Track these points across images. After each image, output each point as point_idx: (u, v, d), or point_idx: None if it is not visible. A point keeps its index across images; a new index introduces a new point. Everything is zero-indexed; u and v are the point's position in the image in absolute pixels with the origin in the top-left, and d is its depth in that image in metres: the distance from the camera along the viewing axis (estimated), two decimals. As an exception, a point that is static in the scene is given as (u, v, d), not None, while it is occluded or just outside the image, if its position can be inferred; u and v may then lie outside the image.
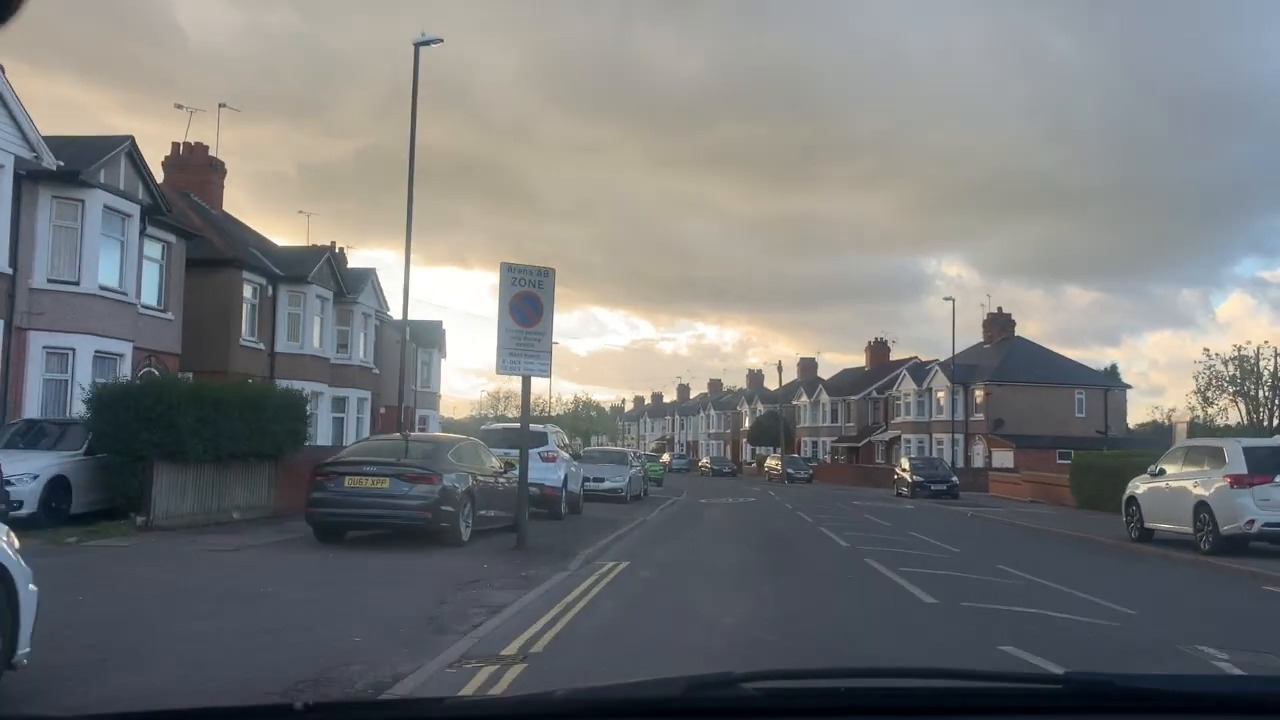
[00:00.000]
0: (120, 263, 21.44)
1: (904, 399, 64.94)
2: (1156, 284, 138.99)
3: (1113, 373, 66.29)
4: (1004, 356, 60.09)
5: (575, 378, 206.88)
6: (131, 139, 21.44)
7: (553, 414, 64.00)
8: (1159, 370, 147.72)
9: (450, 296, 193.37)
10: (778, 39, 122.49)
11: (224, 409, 15.57)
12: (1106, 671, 2.12)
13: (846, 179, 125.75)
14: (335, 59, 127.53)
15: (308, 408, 19.00)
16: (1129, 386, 61.05)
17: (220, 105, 43.04)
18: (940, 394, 60.84)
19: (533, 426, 24.33)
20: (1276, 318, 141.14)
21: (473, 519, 13.82)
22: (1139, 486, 18.69)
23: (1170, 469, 17.58)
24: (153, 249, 23.74)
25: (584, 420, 62.14)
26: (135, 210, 21.70)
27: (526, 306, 13.40)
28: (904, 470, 42.84)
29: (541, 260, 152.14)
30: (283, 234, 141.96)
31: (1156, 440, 40.37)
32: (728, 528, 22.45)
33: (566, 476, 19.82)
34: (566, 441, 22.56)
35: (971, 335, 63.21)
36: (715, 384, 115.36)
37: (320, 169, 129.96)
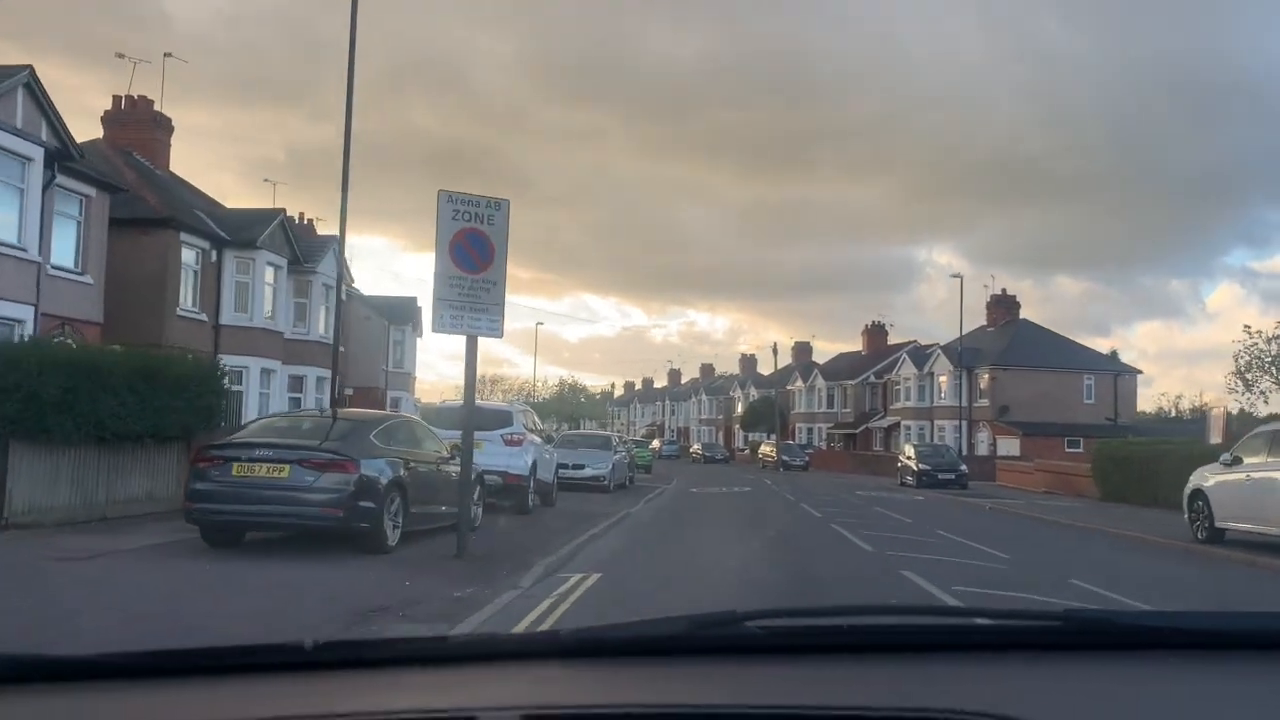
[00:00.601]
0: (20, 214, 18.43)
1: (904, 384, 62.15)
2: (1147, 274, 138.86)
3: (1114, 359, 63.53)
4: (1009, 340, 57.34)
5: (566, 364, 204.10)
6: (30, 69, 18.39)
7: (538, 398, 61.06)
8: (1148, 360, 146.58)
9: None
10: (770, 24, 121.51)
11: (104, 378, 12.61)
12: None
13: (839, 166, 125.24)
14: (324, 43, 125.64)
15: (226, 380, 16.09)
16: (1138, 372, 58.40)
17: (166, 55, 39.88)
18: (943, 378, 58.07)
19: (497, 405, 21.56)
20: (1266, 308, 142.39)
21: (403, 517, 10.93)
22: (1208, 479, 15.86)
23: (1252, 459, 14.74)
24: (68, 204, 20.70)
25: (570, 404, 58.81)
26: (37, 153, 18.65)
27: (472, 247, 10.45)
28: (908, 458, 40.06)
29: (534, 247, 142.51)
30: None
31: (1190, 427, 37.61)
32: (724, 524, 19.64)
33: (535, 463, 16.88)
34: (539, 424, 19.58)
35: (969, 323, 60.44)
36: (707, 369, 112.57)
37: (309, 154, 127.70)
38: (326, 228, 35.13)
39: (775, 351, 63.17)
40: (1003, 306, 60.88)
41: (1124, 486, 29.60)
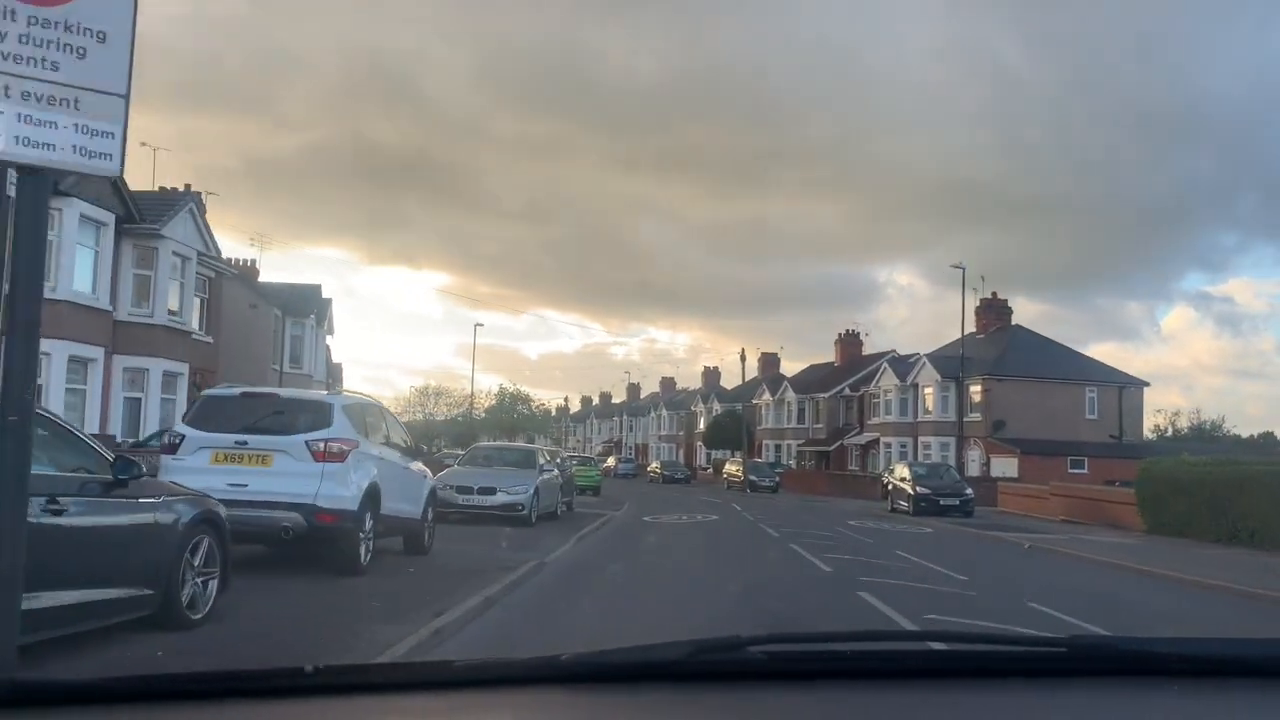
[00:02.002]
0: None
1: (884, 396, 56.15)
2: (1103, 296, 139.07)
3: (1116, 370, 58.00)
4: (1003, 348, 51.56)
5: (526, 381, 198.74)
6: None
7: (478, 412, 53.65)
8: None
9: (396, 299, 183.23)
10: (731, 42, 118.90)
11: None
12: None
13: (800, 184, 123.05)
14: (281, 51, 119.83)
15: None
16: (1145, 384, 52.75)
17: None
18: (928, 390, 52.15)
19: (305, 393, 13.14)
20: (1219, 331, 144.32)
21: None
22: None
23: None
24: None
25: (511, 417, 50.90)
26: None
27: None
28: (902, 480, 33.85)
29: (493, 263, 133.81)
30: (225, 227, 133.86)
31: (1264, 445, 31.73)
32: (684, 576, 13.26)
33: (375, 490, 10.16)
34: (401, 435, 12.81)
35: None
36: (668, 383, 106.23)
37: (266, 163, 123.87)
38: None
39: (743, 358, 56.57)
40: (993, 312, 55.16)
41: (1185, 518, 23.58)
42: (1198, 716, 1.66)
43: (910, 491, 32.65)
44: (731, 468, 56.95)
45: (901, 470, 34.95)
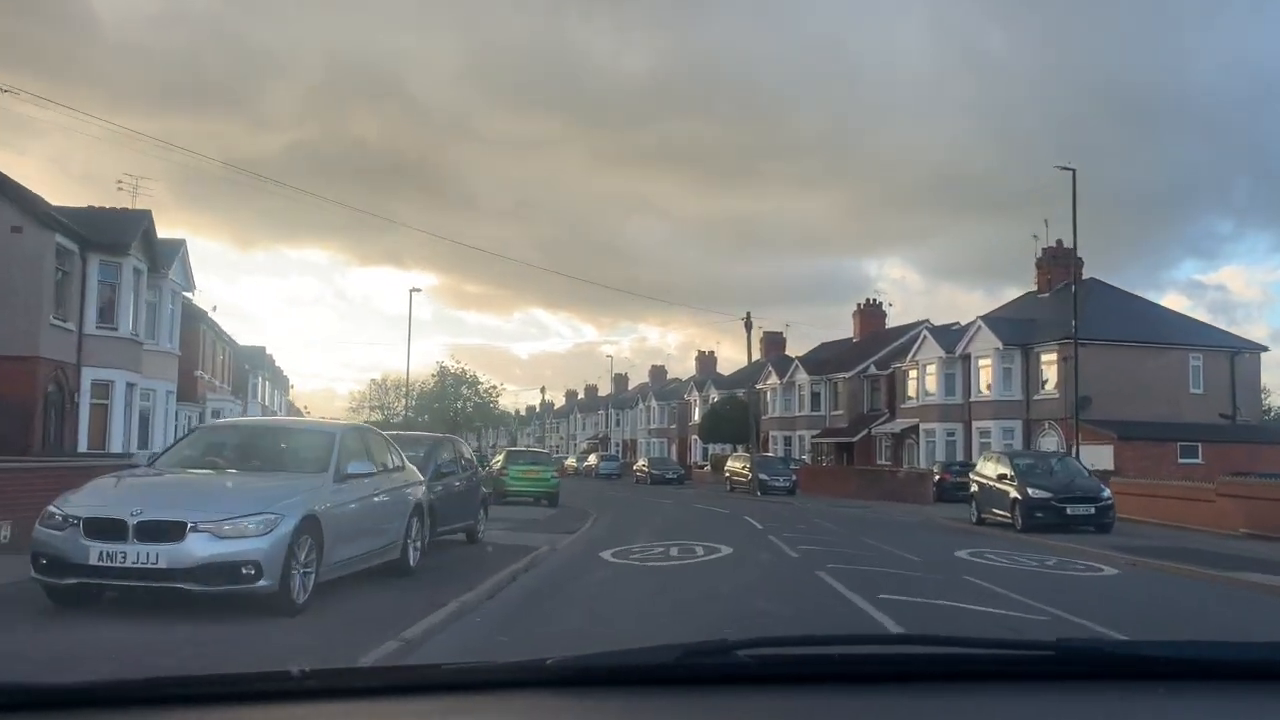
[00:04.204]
0: None
1: (923, 373, 45.06)
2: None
3: (1228, 334, 46.87)
4: (1080, 307, 40.55)
5: (518, 381, 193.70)
6: None
7: (412, 391, 41.37)
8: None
9: (387, 301, 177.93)
10: (718, 36, 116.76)
11: None
12: None
13: (789, 179, 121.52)
14: (261, 51, 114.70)
15: None
16: (1263, 348, 41.65)
17: None
18: (984, 362, 41.13)
19: None
20: (1213, 319, 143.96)
21: None
22: None
23: None
24: None
25: (452, 406, 37.79)
26: None
27: None
28: (999, 478, 22.80)
29: (483, 261, 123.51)
30: (213, 234, 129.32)
31: None
32: None
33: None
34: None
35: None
36: (658, 371, 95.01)
37: (247, 164, 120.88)
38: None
39: (748, 324, 43.80)
40: (1059, 264, 44.10)
41: None
42: (1183, 719, 1.66)
43: (1016, 495, 21.64)
44: (736, 465, 45.81)
45: (995, 465, 23.86)
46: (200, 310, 36.11)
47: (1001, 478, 22.52)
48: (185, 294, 30.96)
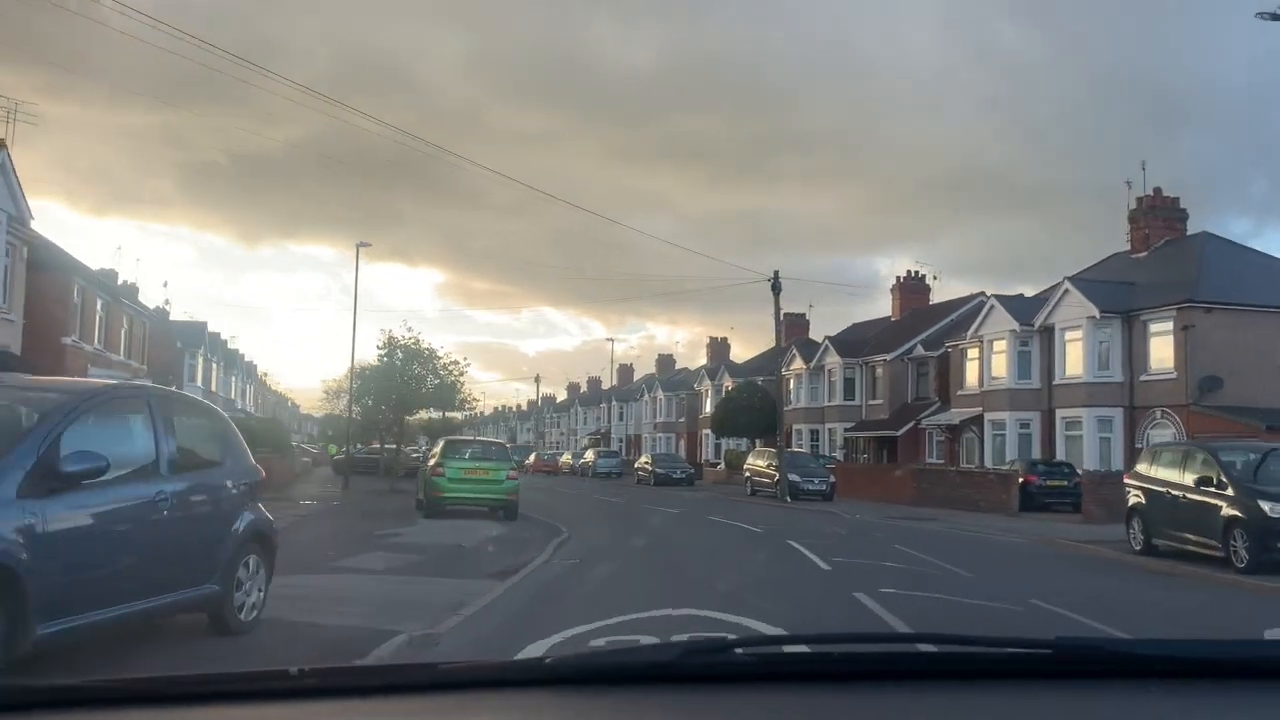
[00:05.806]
0: None
1: (988, 351, 36.68)
2: None
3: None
4: (1193, 266, 32.23)
5: (525, 378, 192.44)
6: None
7: (359, 369, 33.31)
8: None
9: (397, 295, 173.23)
10: (729, 30, 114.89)
11: None
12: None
13: (800, 175, 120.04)
14: (268, 44, 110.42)
15: None
16: None
17: None
18: (1073, 335, 32.76)
19: None
20: None
21: None
22: None
23: None
24: None
25: (402, 382, 29.75)
26: None
27: None
28: (1196, 487, 14.44)
29: (491, 257, 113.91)
30: (216, 227, 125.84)
31: None
32: None
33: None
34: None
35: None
36: (665, 360, 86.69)
37: (252, 159, 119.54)
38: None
39: (775, 286, 34.22)
40: (1159, 218, 35.77)
41: None
42: (1180, 717, 1.65)
43: (1234, 513, 13.34)
44: (759, 463, 37.49)
45: (1181, 464, 15.28)
46: (74, 262, 28.05)
47: (1202, 484, 14.18)
48: (23, 228, 22.83)
